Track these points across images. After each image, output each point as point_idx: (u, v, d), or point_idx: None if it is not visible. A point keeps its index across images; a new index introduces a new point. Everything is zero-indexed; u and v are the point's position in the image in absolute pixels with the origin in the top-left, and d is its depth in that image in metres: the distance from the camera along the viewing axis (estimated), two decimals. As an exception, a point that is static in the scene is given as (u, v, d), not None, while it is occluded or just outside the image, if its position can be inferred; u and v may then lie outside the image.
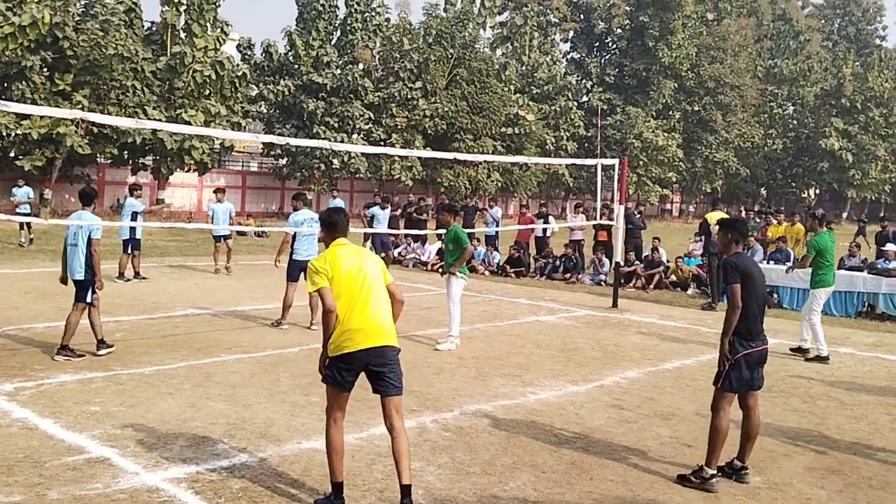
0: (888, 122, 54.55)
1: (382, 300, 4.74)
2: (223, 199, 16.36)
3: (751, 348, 5.34)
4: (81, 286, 8.18)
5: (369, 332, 4.60)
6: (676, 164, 48.10)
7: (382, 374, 4.67)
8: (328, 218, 4.92)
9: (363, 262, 4.76)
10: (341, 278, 4.62)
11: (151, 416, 6.27)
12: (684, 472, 5.40)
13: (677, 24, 48.79)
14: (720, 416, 5.33)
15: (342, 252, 4.75)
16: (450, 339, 9.53)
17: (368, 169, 35.92)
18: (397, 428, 4.65)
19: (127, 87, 26.92)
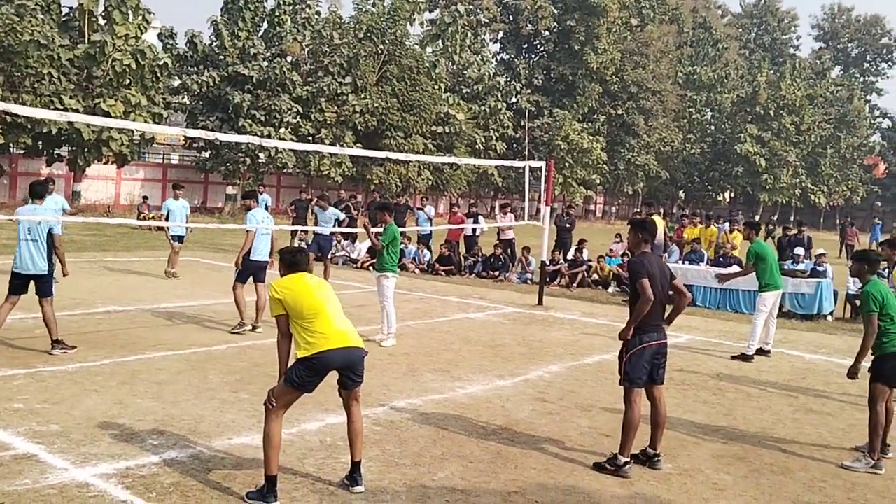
0: (799, 129, 57.25)
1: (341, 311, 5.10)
2: (180, 196, 15.76)
3: (644, 343, 5.65)
4: (44, 280, 8.20)
5: (341, 336, 4.92)
6: (600, 166, 49.30)
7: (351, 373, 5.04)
8: (291, 258, 5.12)
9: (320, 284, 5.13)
10: (303, 295, 4.91)
11: (77, 413, 6.20)
12: (600, 461, 5.70)
13: (602, 30, 49.96)
14: (631, 409, 5.64)
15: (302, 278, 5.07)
16: (391, 335, 9.71)
17: (296, 164, 35.58)
18: (355, 410, 5.10)
19: (43, 75, 25.97)
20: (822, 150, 60.19)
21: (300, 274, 5.07)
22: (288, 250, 5.23)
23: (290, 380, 4.83)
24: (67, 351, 8.12)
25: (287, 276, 5.05)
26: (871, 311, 6.09)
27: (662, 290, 5.75)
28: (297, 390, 4.86)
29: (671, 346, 10.27)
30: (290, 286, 4.95)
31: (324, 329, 4.86)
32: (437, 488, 5.14)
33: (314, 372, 4.84)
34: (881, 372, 6.13)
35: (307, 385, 4.86)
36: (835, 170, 61.76)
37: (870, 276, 6.31)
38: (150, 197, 31.93)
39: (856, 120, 62.34)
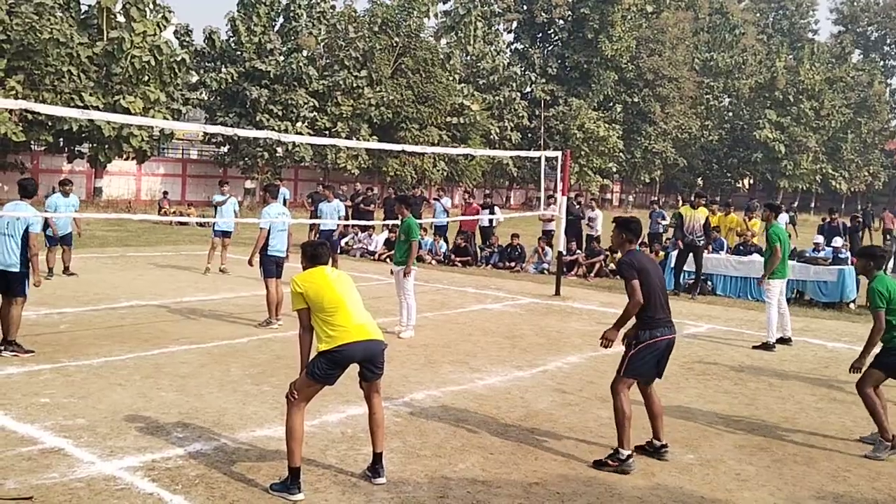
0: (819, 114, 56.61)
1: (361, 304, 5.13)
2: (227, 193, 15.60)
3: (656, 338, 5.57)
4: (16, 279, 7.86)
5: (361, 330, 4.97)
6: (617, 154, 49.07)
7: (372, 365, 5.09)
8: (312, 251, 5.14)
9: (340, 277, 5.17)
10: (323, 289, 4.96)
11: (103, 407, 6.29)
12: (600, 458, 5.57)
13: (617, 17, 49.64)
14: (619, 399, 5.55)
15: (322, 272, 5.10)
16: (409, 327, 9.75)
17: (314, 158, 35.71)
18: (376, 402, 5.16)
19: (63, 73, 26.23)
20: (843, 135, 59.49)
21: (321, 267, 5.10)
22: (309, 243, 5.25)
23: (312, 373, 4.87)
24: (19, 354, 7.72)
25: (308, 270, 5.09)
26: (879, 307, 6.08)
27: (661, 282, 5.72)
28: (318, 383, 4.91)
29: (692, 336, 10.26)
30: (312, 280, 4.99)
31: (345, 322, 4.90)
32: (459, 479, 5.17)
33: (335, 364, 4.89)
34: (882, 361, 6.17)
35: (329, 378, 4.91)
36: (856, 155, 61.05)
37: (876, 271, 6.28)
38: (171, 192, 32.18)
39: (876, 104, 61.53)
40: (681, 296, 14.48)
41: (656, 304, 5.59)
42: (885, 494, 5.29)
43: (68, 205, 13.13)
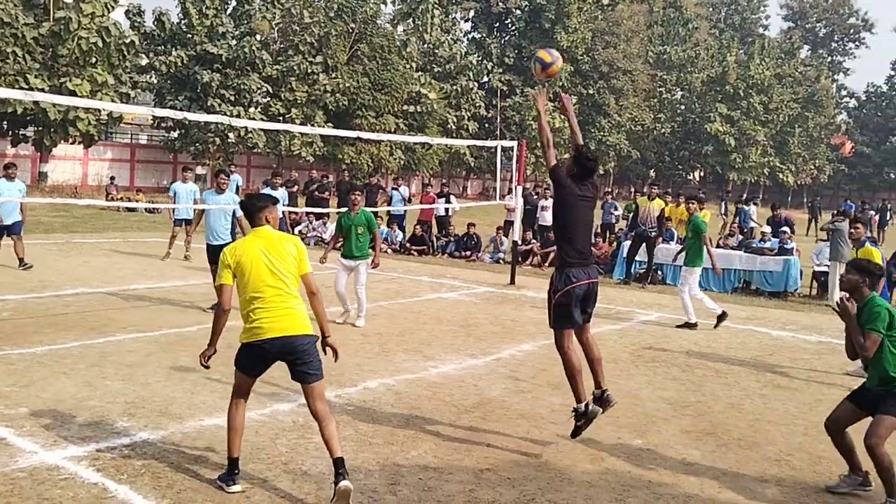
0: (768, 108, 57.86)
1: (293, 290, 4.69)
2: (189, 180, 15.13)
3: (574, 283, 5.39)
4: None
5: (281, 322, 4.59)
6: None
7: (297, 362, 4.63)
8: (242, 205, 4.95)
9: (277, 250, 4.68)
10: (250, 268, 4.60)
11: (46, 396, 6.13)
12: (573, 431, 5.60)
13: (573, 8, 49.93)
14: (565, 353, 5.43)
15: (255, 240, 4.69)
16: (362, 316, 9.67)
17: (267, 144, 35.24)
18: (321, 412, 4.61)
19: (7, 54, 25.41)
20: (791, 129, 60.93)
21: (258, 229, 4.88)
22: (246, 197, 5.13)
23: (236, 362, 4.81)
24: None
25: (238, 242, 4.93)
26: (877, 329, 5.04)
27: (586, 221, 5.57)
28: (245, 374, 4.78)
29: (641, 324, 10.40)
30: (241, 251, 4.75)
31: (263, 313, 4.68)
32: (410, 466, 5.17)
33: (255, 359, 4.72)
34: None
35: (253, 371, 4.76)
36: (803, 149, 62.59)
37: (869, 291, 5.22)
38: (118, 177, 31.47)
39: (823, 99, 63.15)
40: (632, 285, 14.71)
41: (576, 236, 5.45)
42: (825, 478, 5.45)
43: (13, 190, 12.28)
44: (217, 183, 10.27)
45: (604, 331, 9.96)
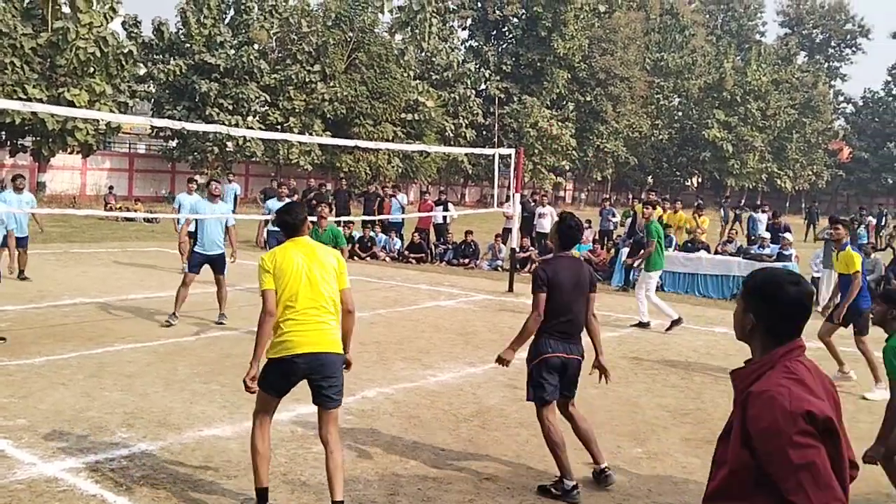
0: (765, 114, 58.00)
1: (329, 305, 4.45)
2: (194, 191, 15.12)
3: (551, 353, 5.11)
4: None
5: (312, 336, 4.37)
6: (570, 152, 49.57)
7: (323, 383, 4.40)
8: (280, 218, 4.60)
9: (319, 262, 4.48)
10: (288, 277, 4.37)
11: (45, 407, 6.12)
12: (545, 484, 5.07)
13: (569, 16, 50.07)
14: (545, 427, 5.01)
15: (296, 249, 4.48)
16: None
17: (265, 153, 35.27)
18: (333, 441, 4.40)
19: (5, 65, 25.45)
20: (788, 135, 61.06)
21: (295, 240, 4.64)
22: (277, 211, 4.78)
23: (260, 382, 4.48)
24: None
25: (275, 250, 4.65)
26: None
27: (574, 300, 5.18)
28: (269, 395, 4.50)
29: (640, 331, 10.38)
30: (278, 258, 4.52)
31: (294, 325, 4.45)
32: (410, 476, 5.16)
33: (282, 376, 4.45)
34: None
35: (279, 390, 4.52)
36: (800, 154, 62.71)
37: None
38: (117, 187, 31.47)
39: (820, 105, 63.31)
40: (630, 291, 14.70)
41: (558, 318, 5.13)
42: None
43: (22, 202, 12.07)
44: (209, 192, 10.16)
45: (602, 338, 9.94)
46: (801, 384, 2.23)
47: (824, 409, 2.18)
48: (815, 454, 2.13)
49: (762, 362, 2.33)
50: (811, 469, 2.12)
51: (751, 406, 2.23)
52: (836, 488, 2.14)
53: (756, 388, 2.25)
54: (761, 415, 2.20)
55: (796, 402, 2.17)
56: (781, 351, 2.32)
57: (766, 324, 2.35)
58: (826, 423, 2.17)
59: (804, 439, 2.14)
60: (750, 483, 2.24)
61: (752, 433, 2.21)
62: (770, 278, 2.38)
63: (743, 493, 2.26)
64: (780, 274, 2.40)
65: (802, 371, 2.29)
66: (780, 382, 2.23)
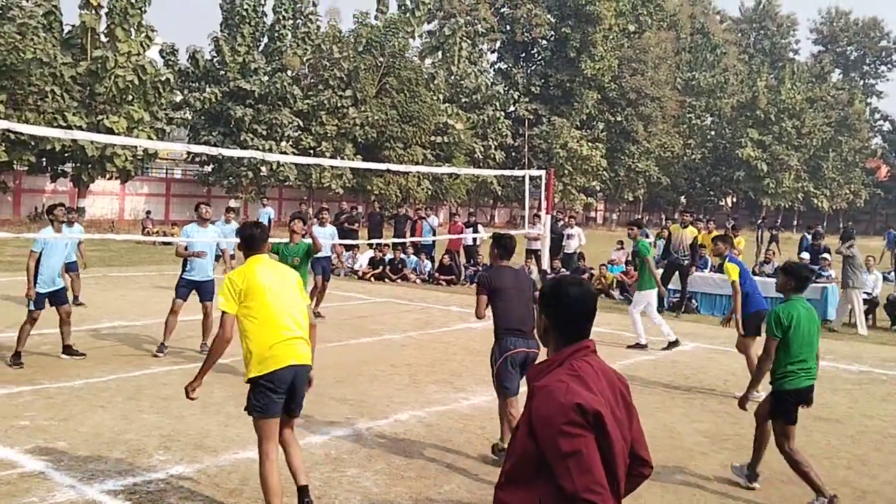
0: (800, 133, 57.29)
1: (301, 319, 4.63)
2: (232, 220, 15.37)
3: (511, 350, 5.83)
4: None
5: (292, 350, 4.52)
6: (600, 173, 49.40)
7: (296, 393, 4.55)
8: (248, 232, 4.73)
9: (286, 279, 4.69)
10: (262, 295, 4.48)
11: (84, 430, 6.20)
12: None
13: (598, 37, 50.13)
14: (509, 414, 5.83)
15: (261, 267, 4.62)
16: None
17: (298, 177, 35.69)
18: (292, 439, 4.76)
19: (46, 93, 26.12)
20: (824, 153, 60.23)
21: (255, 258, 4.76)
22: (242, 224, 5.14)
23: (252, 408, 4.55)
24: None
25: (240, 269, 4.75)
26: (774, 335, 5.44)
27: (519, 301, 5.93)
28: (266, 417, 4.52)
29: (677, 355, 10.25)
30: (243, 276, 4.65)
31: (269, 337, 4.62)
32: (444, 500, 5.13)
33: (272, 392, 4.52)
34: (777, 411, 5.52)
35: (274, 407, 4.52)
36: (837, 173, 61.79)
37: (794, 293, 5.65)
38: (154, 212, 32.01)
39: (856, 123, 62.38)
40: (665, 314, 14.52)
41: (512, 317, 5.88)
42: (869, 512, 5.29)
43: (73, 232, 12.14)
44: (199, 215, 9.94)
45: (637, 362, 9.85)
46: (579, 380, 2.45)
47: (593, 403, 2.38)
48: (582, 443, 2.32)
49: (552, 360, 2.56)
50: (577, 456, 2.31)
51: (535, 399, 2.45)
52: (598, 474, 2.31)
53: (540, 383, 2.47)
54: (541, 406, 2.41)
55: (569, 395, 2.37)
56: (569, 351, 2.54)
57: (556, 325, 2.59)
58: (595, 416, 2.36)
59: (573, 429, 2.33)
60: (533, 469, 2.43)
61: (534, 423, 2.41)
62: (556, 283, 2.65)
63: (528, 477, 2.44)
64: (566, 279, 2.67)
65: (586, 369, 2.50)
66: (561, 378, 2.45)
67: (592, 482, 2.29)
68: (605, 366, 2.58)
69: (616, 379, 2.60)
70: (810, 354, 5.48)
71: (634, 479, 2.65)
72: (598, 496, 2.28)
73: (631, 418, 2.60)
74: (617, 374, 2.62)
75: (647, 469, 2.68)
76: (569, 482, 2.30)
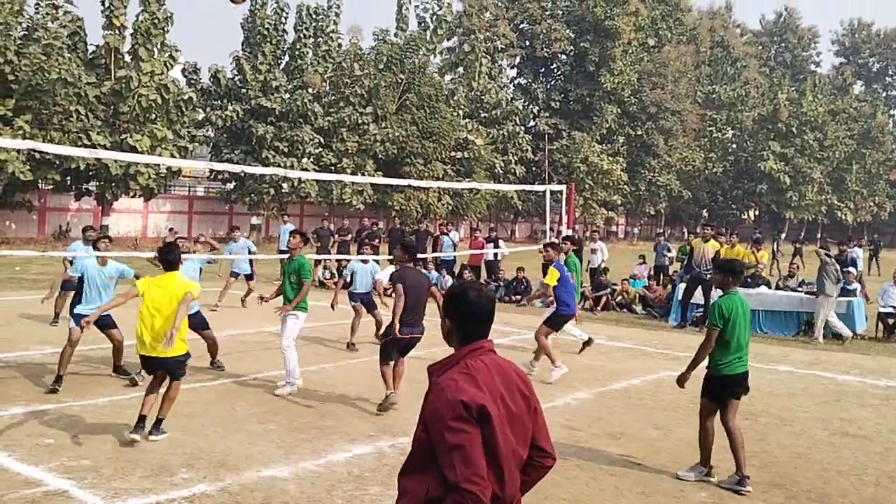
0: (822, 145, 56.74)
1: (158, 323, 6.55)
2: (239, 238, 15.74)
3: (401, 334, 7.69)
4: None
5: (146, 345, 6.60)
6: (621, 187, 49.21)
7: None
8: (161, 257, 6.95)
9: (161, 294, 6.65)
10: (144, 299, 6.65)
11: (107, 448, 6.24)
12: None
13: (617, 51, 50.09)
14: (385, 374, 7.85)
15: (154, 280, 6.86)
16: (288, 383, 8.37)
17: (319, 193, 35.89)
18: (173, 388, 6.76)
19: (70, 112, 26.49)
20: (847, 165, 59.60)
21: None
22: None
23: None
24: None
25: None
26: (715, 325, 5.95)
27: (418, 296, 7.83)
28: None
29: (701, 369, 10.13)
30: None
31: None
32: (467, 520, 5.08)
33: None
34: (708, 391, 6.10)
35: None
36: (861, 185, 61.09)
37: (733, 287, 6.16)
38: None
39: (880, 135, 61.70)
40: (688, 329, 14.39)
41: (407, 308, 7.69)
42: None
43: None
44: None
45: (661, 377, 9.75)
46: (469, 378, 2.63)
47: (478, 399, 2.56)
48: (465, 438, 2.50)
49: (450, 359, 2.74)
50: (461, 450, 2.48)
51: (429, 394, 2.64)
52: (479, 466, 2.49)
53: (436, 381, 2.66)
54: (432, 402, 2.61)
55: (456, 392, 2.56)
56: (466, 350, 2.75)
57: (457, 327, 2.79)
58: (479, 411, 2.54)
59: (458, 424, 2.51)
60: (426, 459, 2.60)
61: (426, 417, 2.61)
62: (457, 288, 2.85)
63: (423, 467, 2.61)
64: (467, 284, 2.88)
65: (480, 368, 2.68)
66: (453, 376, 2.63)
67: (473, 474, 2.45)
68: (502, 363, 2.77)
69: (514, 375, 2.77)
70: (744, 344, 6.00)
71: (538, 470, 2.84)
72: (477, 486, 2.45)
73: (531, 411, 2.77)
74: (516, 370, 2.80)
75: (548, 460, 2.85)
76: (451, 473, 2.47)
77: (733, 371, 5.96)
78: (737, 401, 6.06)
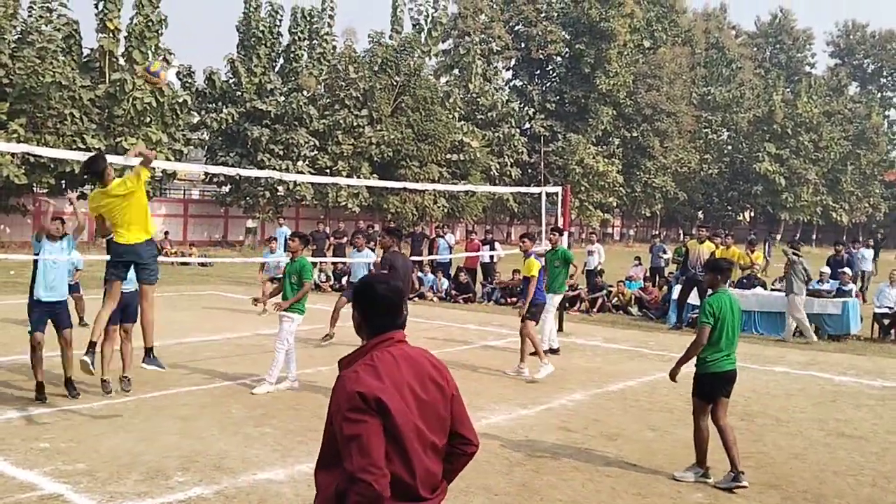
0: (817, 146, 56.91)
1: None
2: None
3: None
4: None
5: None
6: (617, 189, 49.25)
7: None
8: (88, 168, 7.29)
9: None
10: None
11: (103, 451, 6.21)
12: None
13: (613, 53, 50.16)
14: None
15: None
16: (266, 382, 8.47)
17: (314, 196, 35.85)
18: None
19: (65, 116, 26.46)
20: (842, 167, 59.77)
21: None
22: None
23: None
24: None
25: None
26: (705, 322, 5.99)
27: (406, 280, 8.71)
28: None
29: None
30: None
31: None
32: (464, 522, 5.08)
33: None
34: (698, 391, 6.14)
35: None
36: (856, 186, 61.27)
37: (722, 285, 6.23)
38: (172, 232, 32.24)
39: (874, 136, 61.89)
40: (684, 330, 14.40)
41: None
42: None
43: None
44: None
45: (657, 379, 9.76)
46: (371, 370, 2.65)
47: (375, 391, 2.58)
48: (362, 428, 2.55)
49: (357, 351, 2.77)
50: (358, 440, 2.53)
51: (334, 387, 2.67)
52: (376, 456, 2.53)
53: (341, 373, 2.69)
54: (334, 394, 2.65)
55: (355, 384, 2.60)
56: (373, 342, 2.76)
57: (365, 319, 2.80)
58: (377, 402, 2.57)
59: (355, 415, 2.56)
60: (335, 452, 2.64)
61: (330, 409, 2.66)
62: (365, 280, 2.88)
63: (334, 460, 2.64)
64: (375, 277, 2.91)
65: (385, 358, 2.70)
66: (355, 368, 2.67)
67: (369, 464, 2.50)
68: (413, 353, 2.78)
69: (427, 364, 2.77)
70: (733, 341, 6.04)
71: (460, 458, 2.83)
72: (373, 476, 2.50)
73: (446, 398, 2.77)
74: (430, 359, 2.80)
75: (470, 447, 2.84)
76: (349, 463, 2.53)
77: (721, 368, 6.02)
78: (727, 399, 6.10)
